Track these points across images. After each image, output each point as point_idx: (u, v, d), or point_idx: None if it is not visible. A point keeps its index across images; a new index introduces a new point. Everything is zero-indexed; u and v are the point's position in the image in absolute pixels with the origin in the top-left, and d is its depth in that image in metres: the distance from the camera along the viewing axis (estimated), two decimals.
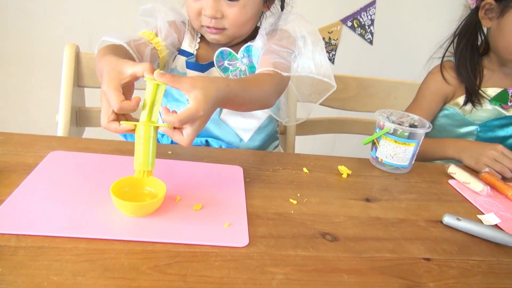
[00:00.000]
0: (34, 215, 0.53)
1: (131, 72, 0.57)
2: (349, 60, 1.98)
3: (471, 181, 0.80)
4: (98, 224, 0.53)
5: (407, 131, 0.79)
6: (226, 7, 0.81)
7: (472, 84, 1.03)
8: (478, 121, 1.05)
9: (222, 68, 0.90)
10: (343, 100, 1.24)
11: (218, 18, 0.82)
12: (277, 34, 0.89)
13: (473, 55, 1.04)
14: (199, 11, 0.83)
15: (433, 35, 1.98)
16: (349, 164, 0.81)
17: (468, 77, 1.03)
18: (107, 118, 0.56)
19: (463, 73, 1.03)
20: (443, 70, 1.07)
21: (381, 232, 0.62)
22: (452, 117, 1.08)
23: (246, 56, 0.91)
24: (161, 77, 0.55)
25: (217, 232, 0.55)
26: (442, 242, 0.62)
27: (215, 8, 0.80)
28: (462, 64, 1.04)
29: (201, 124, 0.57)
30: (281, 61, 0.81)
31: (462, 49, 1.04)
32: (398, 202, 0.72)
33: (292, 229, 0.59)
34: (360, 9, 1.87)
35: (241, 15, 0.82)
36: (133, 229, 0.53)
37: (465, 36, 1.05)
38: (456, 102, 1.08)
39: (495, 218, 0.70)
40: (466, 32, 1.05)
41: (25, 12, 1.67)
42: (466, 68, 1.03)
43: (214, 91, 0.58)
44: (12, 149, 0.69)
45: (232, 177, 0.70)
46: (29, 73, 1.79)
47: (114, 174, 0.62)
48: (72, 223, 0.53)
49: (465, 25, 1.05)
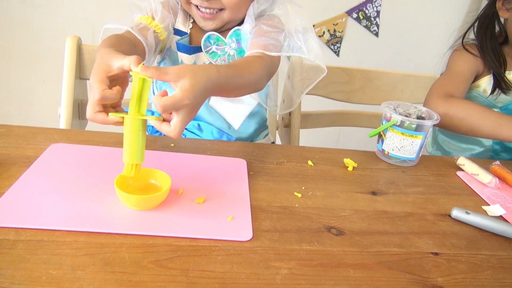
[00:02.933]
0: (33, 208, 0.52)
1: (118, 65, 0.55)
2: (354, 52, 1.95)
3: (480, 173, 0.78)
4: (98, 218, 0.52)
5: (414, 123, 0.77)
6: None
7: (499, 70, 1.02)
8: (500, 103, 1.04)
9: (211, 53, 0.87)
10: (348, 92, 1.22)
11: (211, 1, 0.79)
12: (266, 16, 0.87)
13: (493, 43, 1.03)
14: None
15: (439, 27, 1.96)
16: (354, 157, 0.80)
17: (494, 63, 1.02)
18: (93, 109, 0.54)
19: (488, 59, 1.03)
20: (467, 48, 1.05)
21: (388, 226, 0.60)
22: (474, 99, 1.07)
23: (235, 41, 0.88)
24: (146, 71, 0.53)
25: (220, 226, 0.54)
26: (451, 236, 0.60)
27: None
28: (486, 51, 1.03)
29: (189, 113, 0.55)
30: (271, 42, 0.79)
31: (482, 40, 1.04)
32: (405, 195, 0.70)
33: (297, 223, 0.58)
34: (365, 1, 1.84)
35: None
36: (134, 222, 0.52)
37: (483, 25, 1.04)
38: (478, 84, 1.06)
39: (500, 209, 0.69)
40: (483, 23, 1.04)
41: (27, 4, 1.66)
42: (490, 55, 1.02)
43: (204, 79, 0.56)
44: (13, 142, 0.68)
45: (235, 170, 0.69)
46: (32, 66, 1.78)
47: (115, 167, 0.61)
48: (72, 216, 0.52)
49: (483, 15, 1.05)
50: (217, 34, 0.87)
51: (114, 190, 0.54)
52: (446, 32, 1.98)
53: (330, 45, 1.90)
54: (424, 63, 2.03)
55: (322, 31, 1.87)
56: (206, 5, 0.80)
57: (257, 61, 0.75)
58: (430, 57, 2.03)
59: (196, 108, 0.57)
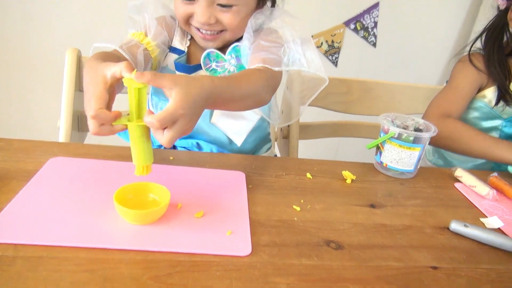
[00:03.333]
0: (33, 224, 0.52)
1: (111, 73, 0.55)
2: (352, 63, 1.97)
3: (477, 184, 0.79)
4: (98, 233, 0.52)
5: (412, 135, 0.77)
6: (219, 12, 0.79)
7: (503, 83, 1.02)
8: (505, 115, 1.04)
9: (210, 70, 0.87)
10: (346, 103, 1.22)
11: (212, 24, 0.79)
12: (264, 31, 0.87)
13: (500, 54, 1.04)
14: (190, 15, 0.80)
15: (436, 38, 1.98)
16: (353, 169, 0.80)
17: (499, 75, 1.02)
18: (94, 126, 0.54)
19: (493, 71, 1.03)
20: (472, 59, 1.06)
21: (387, 240, 0.60)
22: (479, 109, 1.07)
23: (234, 57, 0.88)
24: (141, 78, 0.52)
25: (219, 241, 0.54)
26: (450, 249, 0.60)
27: (208, 14, 0.77)
28: (492, 63, 1.03)
29: (185, 123, 0.54)
30: (271, 57, 0.79)
31: (489, 50, 1.04)
32: (403, 208, 0.70)
33: (296, 237, 0.58)
34: (363, 12, 1.86)
35: (235, 20, 0.80)
36: (133, 237, 0.52)
37: (492, 36, 1.05)
38: (484, 94, 1.06)
39: (498, 221, 0.69)
40: (493, 32, 1.05)
41: (27, 16, 1.67)
42: (495, 67, 1.03)
43: (197, 88, 0.56)
44: (12, 156, 0.69)
45: (234, 183, 0.69)
46: (31, 78, 1.79)
47: (115, 181, 0.62)
48: (72, 231, 0.52)
49: (492, 25, 1.05)
50: (216, 51, 0.86)
51: (113, 204, 0.54)
52: (443, 43, 2.01)
53: (328, 55, 1.92)
54: (421, 73, 2.05)
55: (320, 42, 1.88)
56: (207, 28, 0.80)
57: (256, 73, 0.75)
58: (428, 68, 2.05)
59: (192, 119, 0.56)
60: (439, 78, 2.08)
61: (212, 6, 0.78)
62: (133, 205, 0.57)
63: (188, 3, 0.79)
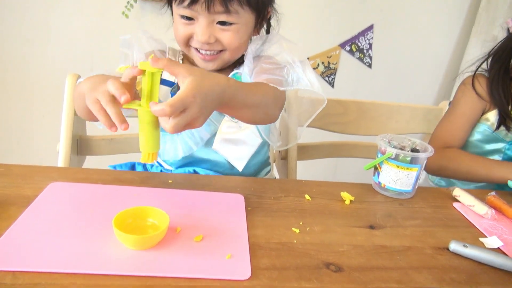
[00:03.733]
0: (31, 250, 0.52)
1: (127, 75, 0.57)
2: (348, 84, 1.99)
3: (476, 204, 0.79)
4: (96, 258, 0.52)
5: (409, 155, 0.78)
6: (219, 31, 0.79)
7: (505, 108, 1.02)
8: (508, 138, 1.05)
9: None
10: (343, 124, 1.24)
11: (212, 43, 0.80)
12: (264, 56, 0.88)
13: (505, 79, 1.04)
14: (190, 36, 0.81)
15: (431, 57, 2.01)
16: (351, 190, 0.80)
17: (501, 100, 1.02)
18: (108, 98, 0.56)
19: (496, 95, 1.03)
20: (475, 84, 1.06)
21: (387, 261, 0.60)
22: (482, 132, 1.07)
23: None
24: (157, 63, 0.54)
25: (218, 265, 0.54)
26: (450, 270, 0.60)
27: (208, 34, 0.78)
28: (495, 87, 1.03)
29: (194, 112, 0.54)
30: (275, 77, 0.80)
31: (495, 72, 1.04)
32: (403, 228, 0.70)
33: (296, 260, 0.58)
34: (358, 34, 1.90)
35: (235, 39, 0.81)
36: (132, 263, 0.52)
37: (499, 60, 1.04)
38: (486, 117, 1.06)
39: (497, 241, 0.69)
40: (501, 55, 1.04)
41: (26, 41, 1.70)
42: (498, 91, 1.03)
43: (212, 82, 0.57)
44: (12, 181, 0.69)
45: (233, 206, 0.69)
46: (31, 102, 1.80)
47: (114, 205, 0.62)
48: (70, 257, 0.51)
49: (500, 48, 1.05)
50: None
51: (112, 229, 0.54)
52: (437, 62, 2.04)
53: (325, 76, 1.94)
54: (417, 93, 2.07)
55: (316, 63, 1.91)
56: (207, 47, 0.81)
57: (265, 85, 0.76)
58: (423, 87, 2.08)
59: (202, 112, 0.55)
60: (435, 97, 2.11)
61: (212, 25, 0.79)
62: (132, 230, 0.57)
63: (189, 23, 0.79)
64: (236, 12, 0.78)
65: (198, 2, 0.75)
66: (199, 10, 0.76)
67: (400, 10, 1.90)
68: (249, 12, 0.80)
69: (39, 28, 1.69)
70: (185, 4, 0.76)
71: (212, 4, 0.75)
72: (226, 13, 0.77)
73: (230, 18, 0.78)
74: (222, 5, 0.76)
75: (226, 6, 0.76)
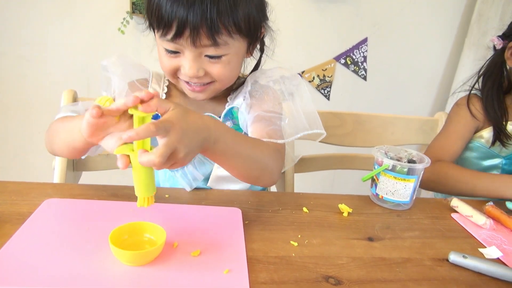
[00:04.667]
0: (26, 268, 0.51)
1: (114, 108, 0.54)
2: (344, 96, 2.01)
3: (474, 214, 0.79)
4: (92, 276, 0.51)
5: (406, 167, 0.78)
6: (208, 64, 0.73)
7: (500, 123, 1.03)
8: (503, 153, 1.05)
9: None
10: (340, 136, 1.24)
11: (201, 77, 0.74)
12: (262, 95, 0.83)
13: (499, 94, 1.05)
14: (177, 68, 0.74)
15: (425, 68, 2.03)
16: (349, 202, 0.80)
17: (496, 115, 1.03)
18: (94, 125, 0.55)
19: (491, 112, 1.04)
20: (469, 104, 1.07)
21: (386, 274, 0.60)
22: (477, 149, 1.08)
23: (230, 119, 0.84)
24: (148, 107, 0.52)
25: (216, 280, 0.53)
26: (450, 282, 0.60)
27: (196, 67, 0.71)
28: (490, 103, 1.04)
29: (176, 140, 0.52)
30: (274, 128, 0.77)
31: (489, 89, 1.05)
32: (401, 240, 0.70)
33: (294, 274, 0.57)
34: (352, 47, 1.92)
35: (226, 71, 0.74)
36: (129, 279, 0.51)
37: (491, 76, 1.06)
38: (481, 134, 1.07)
39: (497, 251, 0.68)
40: (492, 72, 1.06)
41: (23, 58, 1.71)
42: (493, 107, 1.04)
43: (196, 116, 0.56)
44: (7, 198, 0.68)
45: (230, 220, 0.69)
46: (27, 118, 1.80)
47: (110, 221, 0.61)
48: (66, 275, 0.51)
49: (490, 65, 1.07)
50: (210, 114, 0.82)
51: (109, 246, 0.53)
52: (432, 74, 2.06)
53: (320, 89, 1.96)
54: (413, 104, 2.09)
55: (312, 76, 1.92)
56: (196, 80, 0.75)
57: (264, 143, 0.72)
58: (419, 98, 2.10)
59: (185, 144, 0.53)
60: (431, 108, 2.12)
61: (200, 58, 0.72)
62: (128, 245, 0.56)
63: (174, 56, 0.73)
64: (225, 43, 0.70)
65: (183, 36, 0.68)
66: (184, 44, 0.69)
67: (393, 23, 1.92)
68: (240, 40, 0.73)
69: (36, 44, 1.69)
70: (168, 38, 0.69)
71: (198, 38, 0.68)
72: (214, 46, 0.70)
73: (219, 51, 0.71)
74: (209, 39, 0.68)
75: (213, 39, 0.68)
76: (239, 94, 0.86)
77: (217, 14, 0.66)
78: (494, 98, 1.04)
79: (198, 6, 0.65)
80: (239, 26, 0.70)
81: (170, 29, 0.68)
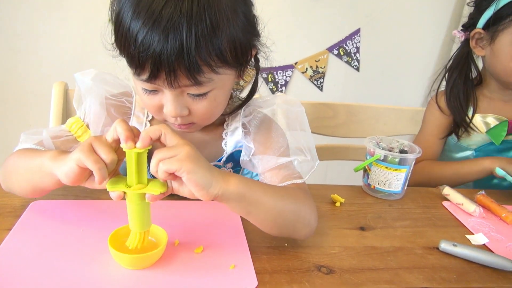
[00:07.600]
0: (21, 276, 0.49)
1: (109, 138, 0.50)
2: (337, 87, 2.01)
3: (464, 202, 0.80)
4: (90, 281, 0.49)
5: (397, 157, 0.79)
6: (192, 102, 0.62)
7: (460, 115, 1.03)
8: (473, 146, 1.05)
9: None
10: (333, 127, 1.24)
11: (186, 116, 0.64)
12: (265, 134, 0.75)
13: (467, 85, 1.04)
14: (160, 106, 0.63)
15: (418, 60, 2.03)
16: (341, 192, 0.81)
17: (458, 107, 1.03)
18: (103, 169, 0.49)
19: (453, 103, 1.04)
20: (438, 101, 1.08)
21: (378, 262, 0.61)
22: (447, 143, 1.09)
23: (230, 161, 0.77)
24: (146, 142, 0.49)
25: (223, 277, 0.53)
26: (440, 269, 0.61)
27: (179, 106, 0.61)
28: (454, 95, 1.04)
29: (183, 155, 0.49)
30: (291, 172, 0.70)
31: (454, 80, 1.05)
32: (393, 229, 0.71)
33: (287, 263, 0.58)
34: (345, 38, 1.91)
35: (211, 108, 0.64)
36: (130, 282, 0.50)
37: (457, 67, 1.05)
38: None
39: (483, 238, 0.70)
40: (458, 64, 1.06)
41: (12, 50, 1.68)
42: (458, 98, 1.04)
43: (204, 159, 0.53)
44: None
45: (229, 214, 0.68)
46: (18, 111, 1.78)
47: (104, 222, 0.60)
48: (61, 281, 0.49)
49: (457, 57, 1.07)
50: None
51: (107, 248, 0.52)
52: (424, 65, 2.07)
53: (314, 80, 1.95)
54: (404, 95, 2.10)
55: (305, 67, 1.92)
56: (181, 120, 0.65)
57: (292, 188, 0.65)
58: (411, 89, 2.10)
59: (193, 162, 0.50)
60: (423, 99, 2.13)
61: (182, 96, 0.61)
62: (127, 248, 0.53)
63: (154, 94, 0.62)
64: (209, 80, 0.59)
65: (159, 78, 0.57)
66: (162, 85, 0.59)
67: (386, 14, 1.92)
68: (226, 72, 0.61)
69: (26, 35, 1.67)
70: (143, 78, 0.58)
71: (175, 80, 0.57)
72: (196, 85, 0.58)
73: (203, 89, 0.60)
74: (189, 79, 0.57)
75: (194, 79, 0.57)
76: (236, 122, 0.77)
77: (195, 47, 0.54)
78: (460, 89, 1.04)
79: (173, 39, 0.53)
80: (223, 57, 0.58)
81: (143, 70, 0.57)
